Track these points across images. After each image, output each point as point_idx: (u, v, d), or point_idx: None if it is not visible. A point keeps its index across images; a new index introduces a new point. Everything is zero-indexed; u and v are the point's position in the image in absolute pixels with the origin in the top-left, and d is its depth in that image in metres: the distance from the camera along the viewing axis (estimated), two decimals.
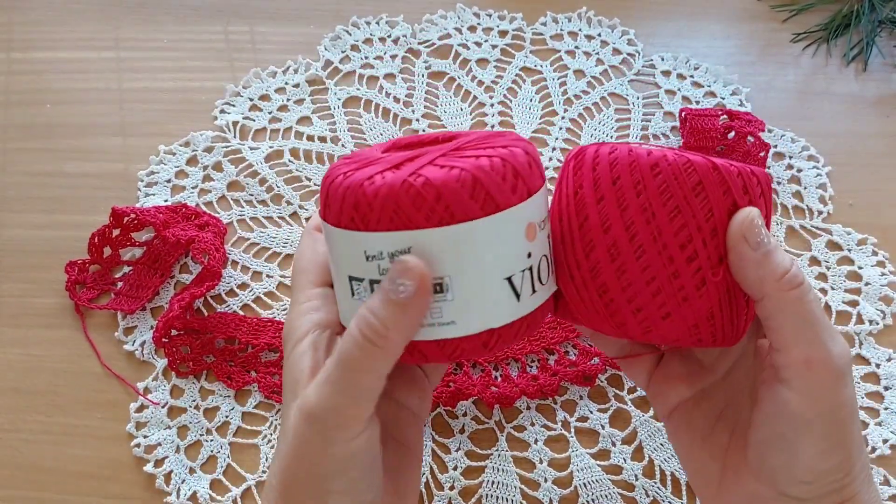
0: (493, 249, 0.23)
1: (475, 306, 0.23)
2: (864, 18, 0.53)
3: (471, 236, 0.22)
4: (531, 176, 0.23)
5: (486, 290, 0.23)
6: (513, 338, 0.24)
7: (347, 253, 0.23)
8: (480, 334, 0.23)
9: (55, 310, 0.42)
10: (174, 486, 0.36)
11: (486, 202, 0.22)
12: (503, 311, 0.23)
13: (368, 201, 0.22)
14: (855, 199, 0.46)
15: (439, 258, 0.22)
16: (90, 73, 0.51)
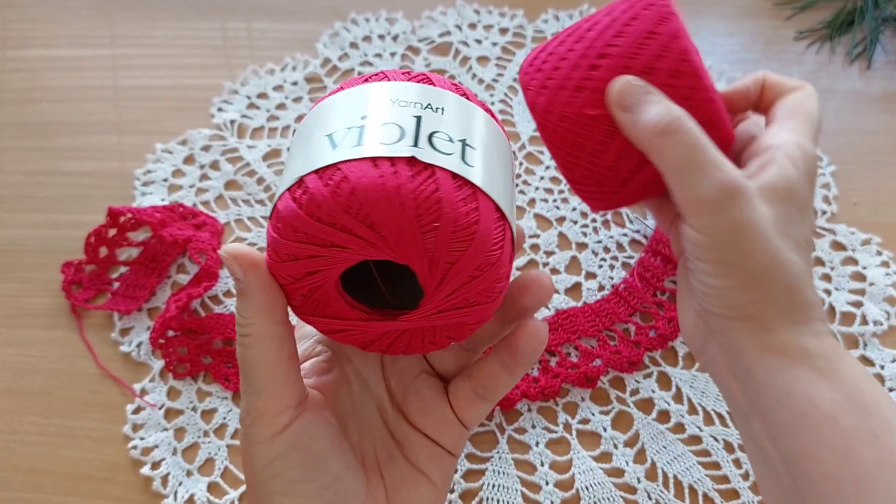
0: (329, 117, 0.22)
1: (292, 162, 0.22)
2: (868, 16, 0.53)
3: (322, 107, 0.23)
4: (397, 74, 0.24)
5: (306, 146, 0.22)
6: (321, 188, 0.20)
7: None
8: (292, 188, 0.21)
9: (51, 310, 0.41)
10: (171, 489, 0.36)
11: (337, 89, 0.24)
12: (313, 161, 0.21)
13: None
14: (859, 198, 0.46)
15: (299, 134, 0.23)
16: (86, 71, 0.51)
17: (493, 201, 0.21)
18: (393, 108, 0.22)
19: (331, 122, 0.22)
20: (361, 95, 0.22)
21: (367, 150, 0.20)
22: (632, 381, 0.39)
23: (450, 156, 0.21)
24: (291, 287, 0.22)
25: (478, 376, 0.25)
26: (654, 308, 0.41)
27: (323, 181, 0.20)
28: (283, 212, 0.21)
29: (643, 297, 0.41)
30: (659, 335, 0.40)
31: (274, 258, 0.21)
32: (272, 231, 0.21)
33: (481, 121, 0.23)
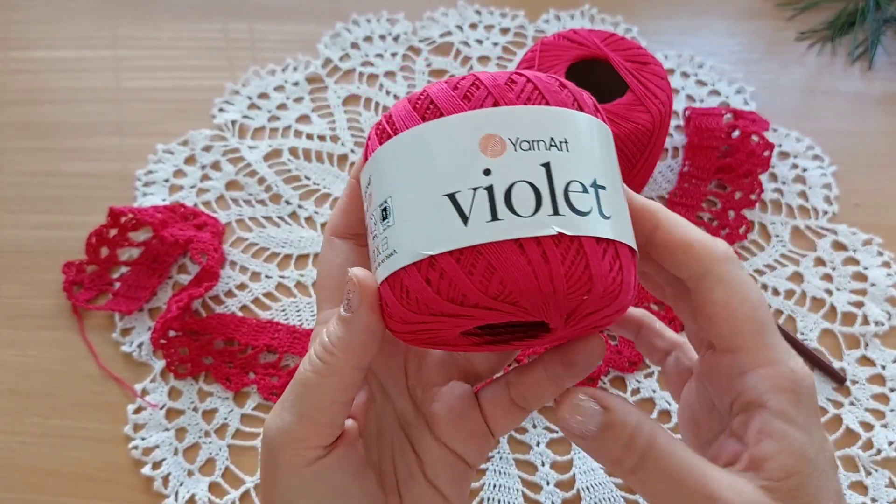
0: (434, 160, 0.19)
1: (410, 228, 0.19)
2: (870, 16, 0.53)
3: (410, 145, 0.20)
4: (501, 89, 0.20)
5: (422, 208, 0.19)
6: (466, 280, 0.19)
7: None
8: (420, 264, 0.19)
9: (52, 311, 0.41)
10: (172, 489, 0.36)
11: (430, 111, 0.20)
12: (444, 236, 0.19)
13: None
14: (860, 198, 0.46)
15: (385, 177, 0.20)
16: (88, 72, 0.51)
17: (627, 245, 0.20)
18: (517, 154, 0.19)
19: (443, 169, 0.19)
20: (471, 128, 0.19)
21: (507, 230, 0.18)
22: (633, 381, 0.39)
23: (589, 215, 0.19)
24: (400, 329, 0.20)
25: (519, 385, 0.23)
26: (655, 308, 0.41)
27: (463, 267, 0.18)
28: (414, 291, 0.19)
29: (645, 297, 0.41)
30: None
31: (393, 319, 0.20)
32: (393, 297, 0.20)
33: (596, 136, 0.20)
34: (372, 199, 0.21)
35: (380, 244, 0.20)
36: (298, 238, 0.44)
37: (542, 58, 0.41)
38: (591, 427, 0.20)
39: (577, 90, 0.21)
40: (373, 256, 0.21)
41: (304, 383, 0.21)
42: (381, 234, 0.20)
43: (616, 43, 0.42)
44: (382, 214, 0.20)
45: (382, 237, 0.20)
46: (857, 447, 0.38)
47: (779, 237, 0.44)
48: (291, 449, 0.21)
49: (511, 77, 0.20)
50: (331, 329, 0.21)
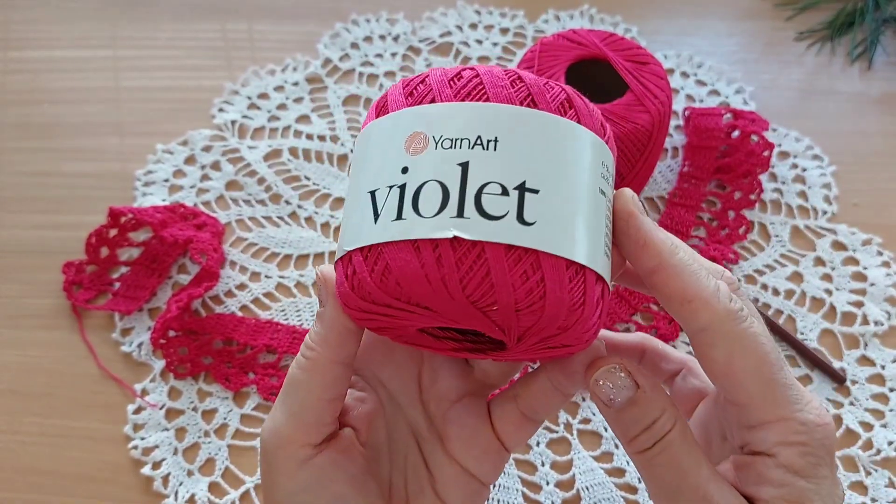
0: (368, 156, 0.20)
1: (346, 221, 0.20)
2: (869, 16, 0.53)
3: (362, 140, 0.21)
4: (442, 85, 0.20)
5: (354, 203, 0.20)
6: (365, 273, 0.19)
7: None
8: (343, 259, 0.20)
9: (52, 311, 0.41)
10: (172, 489, 0.36)
11: (382, 108, 0.21)
12: (358, 232, 0.19)
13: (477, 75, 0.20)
14: (860, 198, 0.46)
15: (352, 167, 0.22)
16: (87, 72, 0.51)
17: (564, 258, 0.18)
18: (436, 152, 0.18)
19: (373, 166, 0.19)
20: (404, 126, 0.19)
21: (406, 230, 0.18)
22: None
23: (501, 219, 0.18)
24: (367, 322, 0.20)
25: (526, 397, 0.23)
26: (654, 308, 0.41)
27: (367, 266, 0.18)
28: (339, 284, 0.20)
29: (644, 297, 0.41)
30: (659, 335, 0.40)
31: (346, 305, 0.20)
32: (341, 278, 0.20)
33: (544, 136, 0.19)
34: None
35: None
36: (298, 238, 0.44)
37: (542, 58, 0.41)
38: (618, 399, 0.20)
39: (548, 87, 0.20)
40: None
41: (290, 381, 0.22)
42: None
43: (616, 43, 0.42)
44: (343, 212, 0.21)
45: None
46: (856, 447, 0.38)
47: (778, 237, 0.44)
48: (283, 450, 0.22)
49: (460, 72, 0.20)
50: (311, 330, 0.22)
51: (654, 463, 0.21)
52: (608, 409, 0.21)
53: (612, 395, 0.20)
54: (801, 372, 0.40)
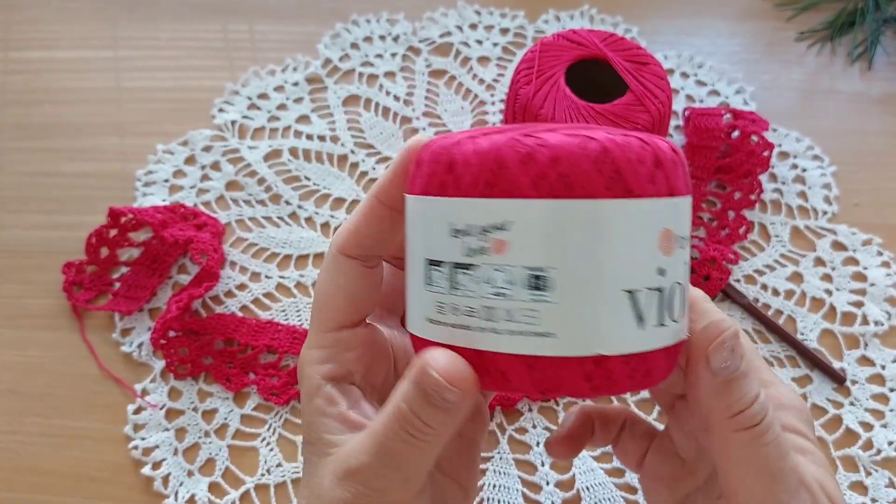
0: (615, 247, 0.17)
1: (585, 318, 0.17)
2: (869, 16, 0.53)
3: (590, 219, 0.17)
4: (675, 174, 0.18)
5: (600, 300, 0.17)
6: (624, 380, 0.18)
7: (428, 229, 0.19)
8: (585, 360, 0.18)
9: (52, 311, 0.41)
10: (172, 489, 0.36)
11: (615, 181, 0.17)
12: (620, 336, 0.18)
13: (466, 159, 0.18)
14: (860, 198, 0.46)
15: (544, 241, 0.17)
16: (88, 73, 0.51)
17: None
18: (680, 252, 0.19)
19: (620, 254, 0.17)
20: (655, 221, 0.18)
21: (671, 335, 0.18)
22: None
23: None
24: None
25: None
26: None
27: (631, 372, 0.18)
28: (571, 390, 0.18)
29: None
30: None
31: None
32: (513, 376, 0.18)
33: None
34: (508, 247, 0.18)
35: (516, 311, 0.18)
36: (298, 238, 0.44)
37: (542, 58, 0.41)
38: (733, 366, 0.19)
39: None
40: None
41: (391, 458, 0.20)
42: (531, 305, 0.18)
43: (616, 43, 0.42)
44: (535, 282, 0.17)
45: (532, 309, 0.18)
46: (856, 447, 0.38)
47: (778, 237, 0.44)
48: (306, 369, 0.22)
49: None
50: (421, 413, 0.19)
51: (760, 441, 0.19)
52: (715, 378, 0.19)
53: (727, 362, 0.19)
54: (801, 372, 0.40)
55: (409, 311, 0.21)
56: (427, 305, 0.19)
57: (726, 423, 0.19)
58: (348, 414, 0.22)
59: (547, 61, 0.41)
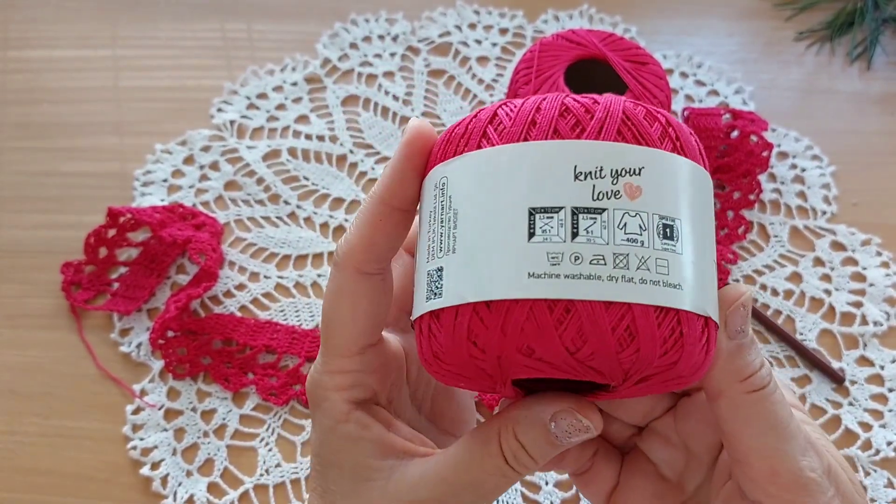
0: (711, 214, 0.19)
1: (704, 274, 0.18)
2: (868, 16, 0.53)
3: (703, 181, 0.19)
4: None
5: (710, 260, 0.18)
6: (710, 353, 0.18)
7: (537, 175, 0.18)
8: (700, 319, 0.18)
9: (51, 311, 0.41)
10: (171, 489, 0.36)
11: (700, 155, 0.19)
12: (713, 300, 0.18)
13: (585, 108, 0.18)
14: (859, 198, 0.46)
15: (673, 192, 0.18)
16: (87, 72, 0.51)
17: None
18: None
19: (712, 221, 0.19)
20: None
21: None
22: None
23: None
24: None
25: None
26: None
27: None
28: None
29: None
30: None
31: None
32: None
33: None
34: (641, 192, 0.18)
35: (650, 259, 0.17)
36: (297, 238, 0.44)
37: (541, 58, 0.41)
38: (748, 331, 0.20)
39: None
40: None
41: (484, 494, 0.20)
42: (658, 251, 0.17)
43: (615, 43, 0.42)
44: (666, 230, 0.17)
45: (661, 257, 0.17)
46: (855, 447, 0.38)
47: (777, 237, 0.44)
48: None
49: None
50: (536, 450, 0.19)
51: (770, 400, 0.20)
52: (731, 343, 0.20)
53: (742, 326, 0.20)
54: (799, 372, 0.40)
55: (481, 276, 0.18)
56: (530, 260, 0.17)
57: (738, 387, 0.20)
58: (387, 437, 0.21)
59: (546, 61, 0.41)
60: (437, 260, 0.19)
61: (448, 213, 0.19)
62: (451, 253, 0.18)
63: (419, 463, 0.21)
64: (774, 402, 0.20)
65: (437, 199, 0.19)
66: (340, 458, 0.21)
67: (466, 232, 0.18)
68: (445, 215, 0.19)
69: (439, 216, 0.19)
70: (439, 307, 0.18)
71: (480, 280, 0.18)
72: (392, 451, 0.21)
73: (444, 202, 0.19)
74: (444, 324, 0.18)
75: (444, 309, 0.18)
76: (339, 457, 0.21)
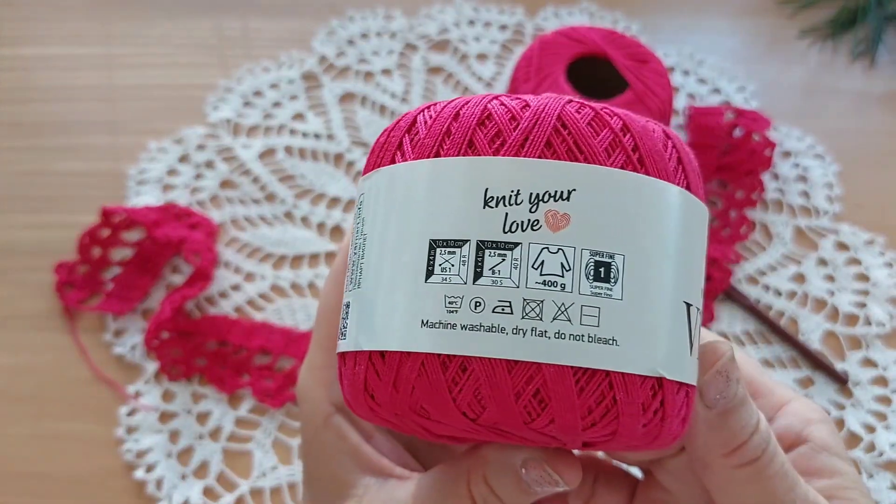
0: (683, 244, 0.15)
1: (650, 324, 0.14)
2: (872, 14, 0.52)
3: (663, 202, 0.14)
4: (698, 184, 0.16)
5: (666, 307, 0.14)
6: (672, 421, 0.15)
7: (441, 200, 0.14)
8: (647, 381, 0.14)
9: (44, 312, 0.41)
10: (166, 493, 0.36)
11: (678, 171, 0.15)
12: (677, 358, 0.15)
13: (511, 113, 0.15)
14: (863, 198, 0.45)
15: (615, 219, 0.14)
16: (80, 70, 0.50)
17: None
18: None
19: (686, 254, 0.15)
20: None
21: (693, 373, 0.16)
22: None
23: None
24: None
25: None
26: None
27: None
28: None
29: None
30: None
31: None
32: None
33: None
34: (567, 223, 0.14)
35: (573, 307, 0.14)
36: (293, 238, 0.43)
37: (542, 56, 0.41)
38: (730, 396, 0.17)
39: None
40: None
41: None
42: (585, 297, 0.14)
43: (616, 40, 0.41)
44: (599, 271, 0.14)
45: (591, 304, 0.14)
46: (859, 449, 0.37)
47: (780, 237, 0.44)
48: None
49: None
50: (513, 500, 0.17)
51: (764, 475, 0.17)
52: (709, 412, 0.17)
53: (723, 392, 0.17)
54: (802, 374, 0.39)
55: (375, 321, 0.15)
56: (424, 305, 0.14)
57: (726, 461, 0.17)
58: (363, 450, 0.20)
59: (546, 59, 0.41)
60: (347, 292, 0.16)
61: (359, 239, 0.16)
62: (357, 287, 0.16)
63: (392, 488, 0.19)
64: (770, 476, 0.17)
65: (356, 219, 0.16)
66: (320, 471, 0.21)
67: (370, 264, 0.15)
68: (357, 241, 0.16)
69: (354, 240, 0.16)
70: (342, 350, 0.16)
71: (375, 325, 0.15)
72: (368, 466, 0.20)
73: (359, 224, 0.16)
74: (346, 370, 0.16)
75: (346, 353, 0.16)
76: (319, 469, 0.21)
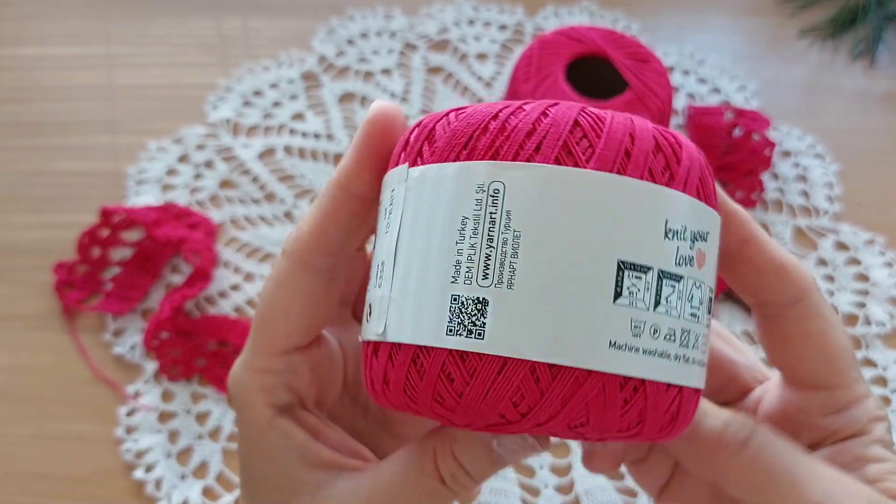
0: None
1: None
2: (872, 13, 0.52)
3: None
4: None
5: None
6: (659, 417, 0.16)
7: (632, 221, 0.14)
8: (671, 388, 0.16)
9: (43, 312, 0.41)
10: (165, 493, 0.35)
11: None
12: None
13: (675, 151, 0.15)
14: (863, 197, 0.45)
15: (715, 261, 0.17)
16: (80, 70, 0.50)
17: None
18: None
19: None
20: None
21: None
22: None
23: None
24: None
25: None
26: None
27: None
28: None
29: None
30: None
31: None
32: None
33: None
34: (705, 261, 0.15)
35: (701, 336, 0.15)
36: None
37: (541, 55, 0.41)
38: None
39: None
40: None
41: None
42: (705, 327, 0.16)
43: (616, 40, 0.41)
44: (710, 304, 0.16)
45: (705, 332, 0.16)
46: None
47: (780, 237, 0.44)
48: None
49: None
50: (477, 468, 0.18)
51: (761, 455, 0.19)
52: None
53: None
54: None
55: (544, 331, 0.14)
56: (613, 325, 0.14)
57: (717, 459, 0.19)
58: (312, 447, 0.19)
59: (546, 58, 0.41)
60: (483, 287, 0.15)
61: (506, 234, 0.15)
62: (508, 288, 0.15)
63: (348, 478, 0.19)
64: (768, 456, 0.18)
65: (483, 216, 0.15)
66: (265, 471, 0.20)
67: (530, 271, 0.14)
68: (501, 236, 0.15)
69: (487, 232, 0.15)
70: (481, 350, 0.15)
71: (543, 335, 0.14)
72: (318, 462, 0.19)
73: (492, 223, 0.15)
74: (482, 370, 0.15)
75: (485, 355, 0.15)
76: (264, 469, 0.20)
